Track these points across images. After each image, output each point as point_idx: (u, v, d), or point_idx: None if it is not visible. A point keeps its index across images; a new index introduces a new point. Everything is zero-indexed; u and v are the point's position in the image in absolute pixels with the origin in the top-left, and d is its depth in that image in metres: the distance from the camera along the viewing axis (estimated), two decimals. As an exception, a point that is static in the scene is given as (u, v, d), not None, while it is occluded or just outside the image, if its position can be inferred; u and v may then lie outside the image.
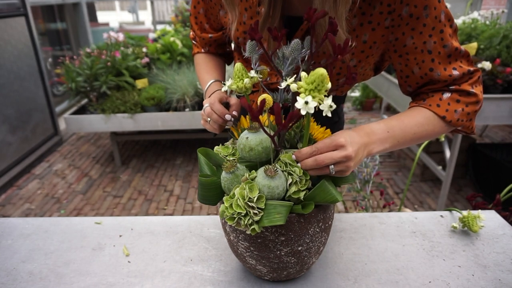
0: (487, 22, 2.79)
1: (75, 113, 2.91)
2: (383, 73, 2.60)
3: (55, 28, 4.35)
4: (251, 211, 0.55)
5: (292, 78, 0.54)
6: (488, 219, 0.90)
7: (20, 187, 2.84)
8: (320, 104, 0.50)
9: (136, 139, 3.52)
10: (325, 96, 0.51)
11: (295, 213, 0.59)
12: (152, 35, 3.58)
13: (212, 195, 0.62)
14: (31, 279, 0.73)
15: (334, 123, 0.95)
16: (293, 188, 0.57)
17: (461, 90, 0.72)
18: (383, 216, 0.92)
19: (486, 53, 2.33)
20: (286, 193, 0.58)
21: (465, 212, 0.86)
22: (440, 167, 2.31)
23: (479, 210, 0.88)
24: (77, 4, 4.49)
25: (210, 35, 0.92)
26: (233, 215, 0.56)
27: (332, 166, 0.58)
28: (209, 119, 0.75)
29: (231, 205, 0.56)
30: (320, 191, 0.58)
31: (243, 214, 0.55)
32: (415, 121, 0.71)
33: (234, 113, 0.74)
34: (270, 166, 0.56)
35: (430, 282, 0.71)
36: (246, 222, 0.55)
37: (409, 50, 0.71)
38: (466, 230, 0.86)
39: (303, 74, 0.52)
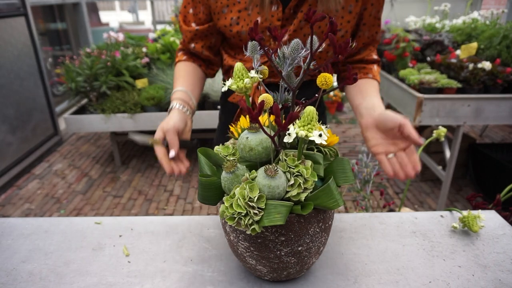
0: (487, 22, 2.79)
1: (75, 113, 2.91)
2: (383, 73, 2.59)
3: (55, 28, 4.35)
4: (252, 211, 0.55)
5: (297, 128, 0.55)
6: (488, 219, 0.90)
7: (20, 187, 2.84)
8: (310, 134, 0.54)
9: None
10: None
11: (295, 213, 0.59)
12: (152, 35, 3.58)
13: (212, 195, 0.62)
14: (31, 279, 0.73)
15: (321, 114, 1.00)
16: (296, 190, 0.57)
17: (378, 61, 0.95)
18: (383, 216, 0.92)
19: (486, 53, 2.33)
20: (287, 193, 0.58)
21: (465, 212, 0.86)
22: (440, 167, 2.31)
23: (479, 210, 0.88)
24: (77, 4, 4.49)
25: (196, 28, 0.92)
26: (233, 215, 0.56)
27: None
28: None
29: (231, 205, 0.56)
30: (323, 194, 0.58)
31: (243, 214, 0.55)
32: (377, 91, 0.89)
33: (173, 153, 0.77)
34: (270, 166, 0.56)
35: (430, 282, 0.71)
36: (246, 222, 0.55)
37: (367, 19, 0.87)
38: (466, 230, 0.86)
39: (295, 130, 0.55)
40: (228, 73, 0.98)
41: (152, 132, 0.78)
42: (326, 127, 0.59)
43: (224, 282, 0.72)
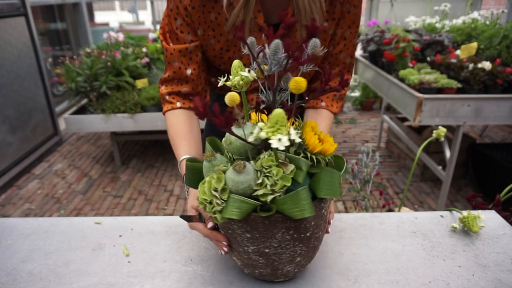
0: (487, 22, 2.79)
1: (75, 113, 2.91)
2: (383, 73, 2.59)
3: (55, 28, 4.35)
4: (215, 200, 0.57)
5: (258, 128, 0.52)
6: (488, 219, 0.90)
7: (20, 187, 2.84)
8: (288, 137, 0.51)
9: (136, 139, 3.52)
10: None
11: (260, 213, 0.59)
12: (152, 35, 3.58)
13: (196, 179, 0.67)
14: (31, 279, 0.73)
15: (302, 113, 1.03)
16: (263, 190, 0.57)
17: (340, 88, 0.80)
18: (383, 216, 0.92)
19: (486, 53, 2.33)
20: (255, 192, 0.58)
21: (465, 212, 0.86)
22: (440, 167, 2.31)
23: (479, 210, 0.88)
24: (77, 4, 4.49)
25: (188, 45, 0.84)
26: (203, 200, 0.59)
27: None
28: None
29: (203, 191, 0.59)
30: (290, 200, 0.56)
31: (208, 201, 0.58)
32: (325, 123, 0.91)
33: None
34: (240, 162, 0.57)
35: (430, 282, 0.71)
36: (210, 209, 0.58)
37: (342, 40, 0.88)
38: (466, 230, 0.86)
39: (261, 124, 0.52)
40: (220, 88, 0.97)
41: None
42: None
43: (224, 282, 0.72)
